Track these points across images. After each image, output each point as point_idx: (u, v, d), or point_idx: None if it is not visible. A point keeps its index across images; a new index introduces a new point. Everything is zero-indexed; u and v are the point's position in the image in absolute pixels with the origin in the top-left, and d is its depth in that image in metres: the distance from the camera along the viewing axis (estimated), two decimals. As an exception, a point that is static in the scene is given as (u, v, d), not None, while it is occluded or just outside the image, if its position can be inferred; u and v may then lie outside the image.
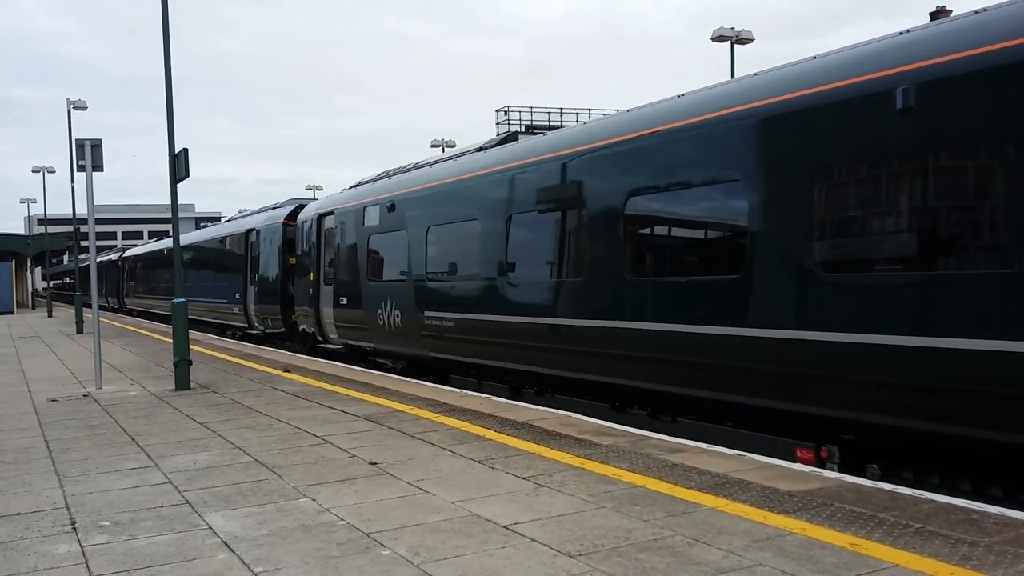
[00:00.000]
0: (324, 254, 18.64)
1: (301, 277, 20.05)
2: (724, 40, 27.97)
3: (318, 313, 18.74)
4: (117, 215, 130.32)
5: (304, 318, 19.87)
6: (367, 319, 16.00)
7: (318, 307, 18.73)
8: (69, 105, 34.06)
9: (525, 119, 41.63)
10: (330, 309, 17.99)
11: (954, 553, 4.77)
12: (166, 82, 13.59)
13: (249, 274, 24.37)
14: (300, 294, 20.18)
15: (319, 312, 18.70)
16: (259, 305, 23.48)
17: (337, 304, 17.50)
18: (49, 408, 11.45)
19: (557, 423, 9.15)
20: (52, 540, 5.53)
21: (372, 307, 15.77)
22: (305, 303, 19.67)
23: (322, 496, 6.42)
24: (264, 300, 23.10)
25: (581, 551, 5.00)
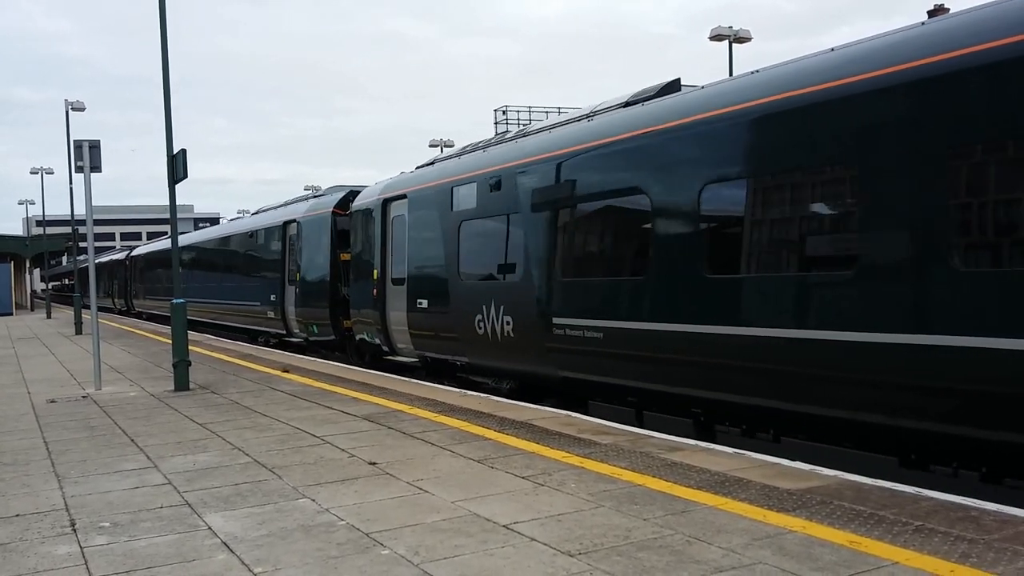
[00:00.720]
0: (392, 247, 15.57)
1: (359, 276, 16.87)
2: (722, 39, 28.00)
3: (384, 319, 15.64)
4: (115, 216, 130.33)
5: (364, 325, 16.73)
6: (458, 326, 12.93)
7: (384, 311, 15.64)
8: (67, 106, 34.02)
9: (523, 118, 41.70)
10: (402, 314, 14.87)
11: (953, 550, 4.77)
12: (164, 83, 13.58)
13: (287, 273, 21.24)
14: (357, 296, 17.05)
15: (385, 318, 15.62)
16: (301, 309, 20.10)
17: (413, 308, 14.43)
18: (48, 409, 11.45)
19: (557, 422, 9.15)
20: (52, 541, 5.53)
21: (466, 312, 12.66)
22: (365, 306, 16.55)
23: (321, 496, 6.42)
24: (308, 303, 19.76)
25: (581, 550, 5.00)
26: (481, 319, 12.29)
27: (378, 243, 15.98)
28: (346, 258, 17.98)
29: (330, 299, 18.50)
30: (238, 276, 25.64)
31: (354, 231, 17.36)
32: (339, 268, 18.30)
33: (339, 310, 18.25)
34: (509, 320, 11.68)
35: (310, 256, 19.73)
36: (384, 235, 15.89)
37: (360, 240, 17.01)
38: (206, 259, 30.09)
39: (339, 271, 18.32)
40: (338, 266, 18.32)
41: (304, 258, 19.99)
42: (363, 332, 16.88)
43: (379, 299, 15.83)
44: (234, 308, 25.89)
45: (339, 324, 18.27)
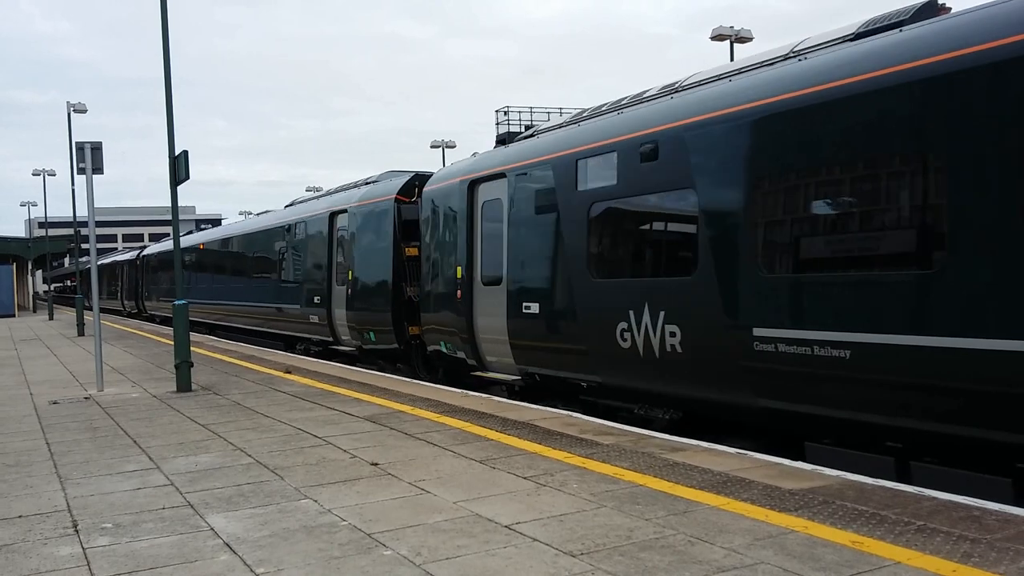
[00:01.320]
0: (483, 239, 12.90)
1: (434, 274, 14.27)
2: (724, 39, 28.00)
3: (471, 327, 12.90)
4: (117, 217, 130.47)
5: (440, 333, 13.98)
6: (588, 338, 10.26)
7: (472, 318, 12.89)
8: (69, 108, 34.10)
9: (525, 119, 41.72)
10: (498, 321, 12.14)
11: (956, 550, 4.77)
12: (166, 86, 13.60)
13: (335, 271, 18.41)
14: (432, 298, 14.29)
15: (473, 325, 12.88)
16: (355, 312, 17.09)
17: (516, 313, 11.68)
18: (50, 411, 11.45)
19: (559, 423, 9.15)
20: (54, 542, 5.53)
21: (601, 319, 9.99)
22: (443, 311, 13.77)
23: (323, 497, 6.42)
24: (363, 306, 16.81)
25: (583, 550, 5.00)
26: (626, 328, 9.57)
27: (462, 234, 13.22)
28: (412, 253, 15.57)
29: (393, 301, 15.74)
30: (271, 276, 22.76)
31: (425, 221, 14.70)
32: (404, 265, 15.72)
33: (403, 314, 15.56)
34: (674, 330, 8.95)
35: (366, 251, 16.85)
36: (471, 225, 13.10)
37: (435, 231, 14.29)
38: (231, 258, 27.08)
39: (404, 268, 15.73)
40: (403, 263, 15.73)
41: (358, 254, 17.09)
42: (439, 342, 14.11)
43: (464, 303, 13.02)
44: (265, 312, 23.02)
45: (403, 331, 15.60)
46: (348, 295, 17.33)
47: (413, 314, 15.34)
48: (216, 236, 29.73)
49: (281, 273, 21.93)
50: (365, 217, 17.04)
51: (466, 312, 13.01)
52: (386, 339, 16.08)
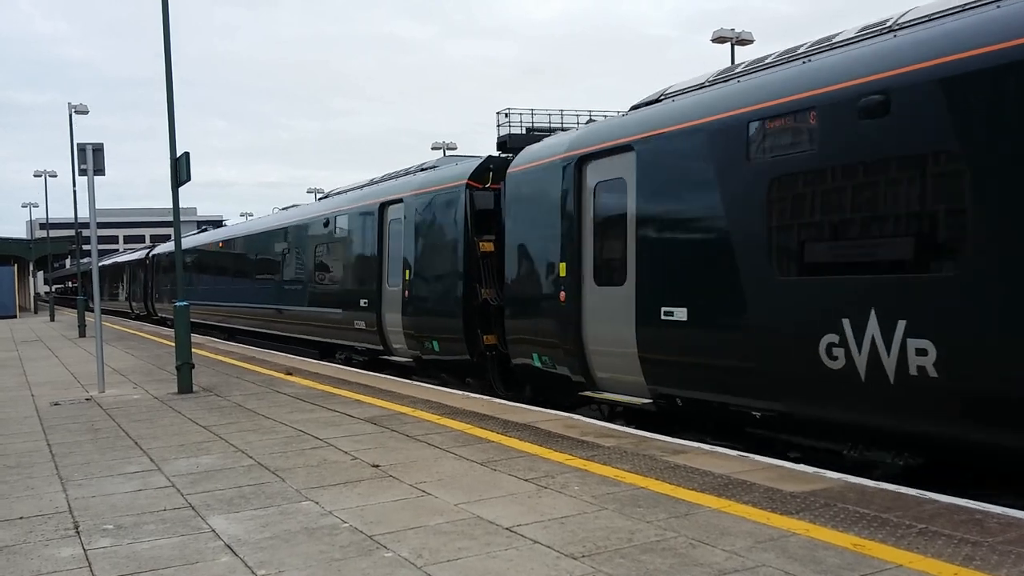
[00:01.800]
0: (595, 229, 10.51)
1: (523, 272, 11.96)
2: (724, 41, 28.00)
3: (579, 336, 10.57)
4: (119, 219, 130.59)
5: (533, 344, 11.57)
6: (769, 352, 7.92)
7: (580, 325, 10.56)
8: (71, 109, 34.13)
9: (526, 121, 41.68)
10: (621, 329, 9.81)
11: (957, 553, 4.77)
12: (168, 91, 13.61)
13: (386, 270, 16.08)
14: (521, 302, 11.98)
15: (582, 335, 10.54)
16: (413, 318, 14.81)
17: (651, 321, 9.33)
18: (52, 412, 11.46)
19: (560, 425, 9.15)
20: (55, 544, 5.53)
21: (791, 329, 7.74)
22: (540, 316, 11.38)
23: (325, 499, 6.42)
24: (424, 310, 14.53)
25: (584, 553, 5.00)
26: (836, 343, 7.29)
27: (566, 224, 10.84)
28: (487, 248, 13.30)
29: (463, 305, 13.37)
30: (303, 276, 20.31)
31: (511, 209, 12.30)
32: (478, 262, 13.35)
33: (476, 320, 13.25)
34: (924, 347, 6.62)
35: (429, 246, 14.51)
36: (578, 211, 10.71)
37: (524, 221, 11.88)
38: (255, 256, 24.54)
39: (477, 266, 13.36)
40: (476, 260, 13.34)
41: (418, 250, 14.76)
42: (529, 354, 11.70)
43: (569, 307, 10.67)
44: (297, 316, 20.54)
45: (476, 340, 13.23)
46: (405, 298, 15.00)
47: (488, 320, 13.14)
48: (237, 233, 27.15)
49: (317, 273, 19.48)
50: (427, 207, 14.62)
51: (572, 318, 10.64)
52: (454, 349, 13.71)
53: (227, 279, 27.34)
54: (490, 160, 13.94)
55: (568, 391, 11.07)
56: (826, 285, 7.50)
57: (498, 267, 13.04)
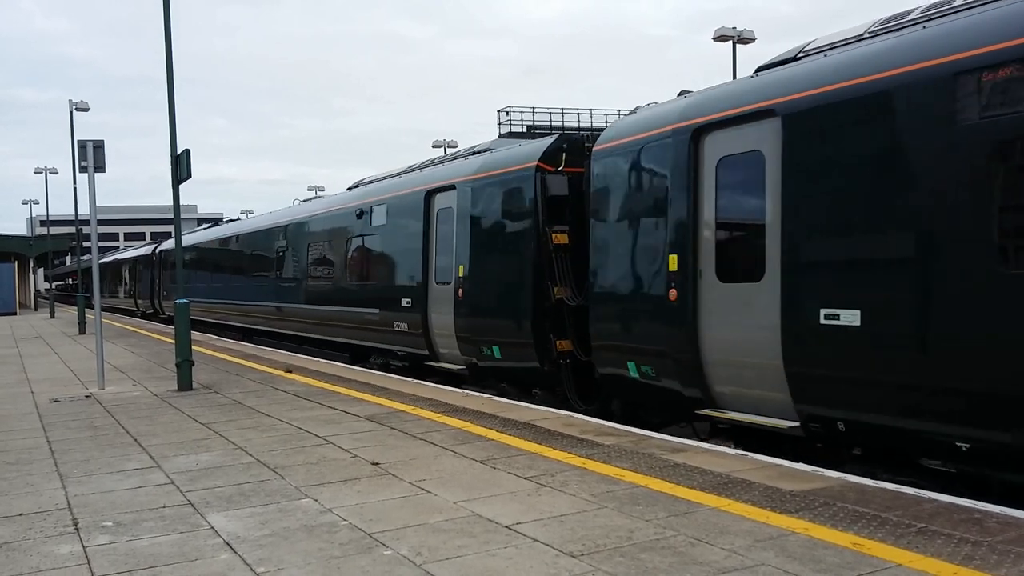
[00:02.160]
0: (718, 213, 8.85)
1: (615, 266, 10.14)
2: (726, 40, 28.00)
3: (695, 344, 8.91)
4: (119, 216, 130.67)
5: (629, 352, 9.85)
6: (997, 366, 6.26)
7: (695, 331, 8.90)
8: (71, 106, 34.14)
9: (527, 119, 41.80)
10: (758, 334, 8.16)
11: (957, 553, 4.77)
12: (168, 86, 13.60)
13: (433, 265, 14.29)
14: (613, 301, 10.19)
15: (699, 342, 8.90)
16: (468, 319, 13.06)
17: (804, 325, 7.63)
18: (51, 409, 11.46)
19: (559, 423, 9.15)
20: (54, 541, 5.53)
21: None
22: (640, 318, 9.72)
23: (324, 496, 6.42)
24: (482, 311, 12.79)
25: (583, 551, 5.00)
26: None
27: (681, 207, 9.12)
28: (560, 241, 11.53)
29: (533, 305, 11.57)
30: (333, 272, 18.42)
31: (600, 193, 10.45)
32: (550, 257, 11.50)
33: (548, 323, 11.49)
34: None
35: (489, 238, 12.75)
36: (694, 193, 9.00)
37: (617, 206, 10.15)
38: (274, 252, 22.57)
39: (550, 261, 11.50)
40: (548, 253, 11.50)
41: (475, 242, 12.99)
42: (623, 363, 9.94)
43: (682, 307, 9.01)
44: (324, 316, 18.72)
45: (547, 345, 11.52)
46: (458, 297, 13.23)
47: (562, 323, 11.45)
48: (257, 226, 24.82)
49: (349, 270, 17.61)
50: (487, 194, 12.83)
51: (684, 321, 8.96)
52: (520, 356, 11.95)
53: (246, 276, 25.16)
54: (564, 139, 12.08)
55: (676, 407, 9.43)
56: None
57: (574, 262, 11.40)
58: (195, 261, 31.35)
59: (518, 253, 12.04)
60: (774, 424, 8.10)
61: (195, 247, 31.43)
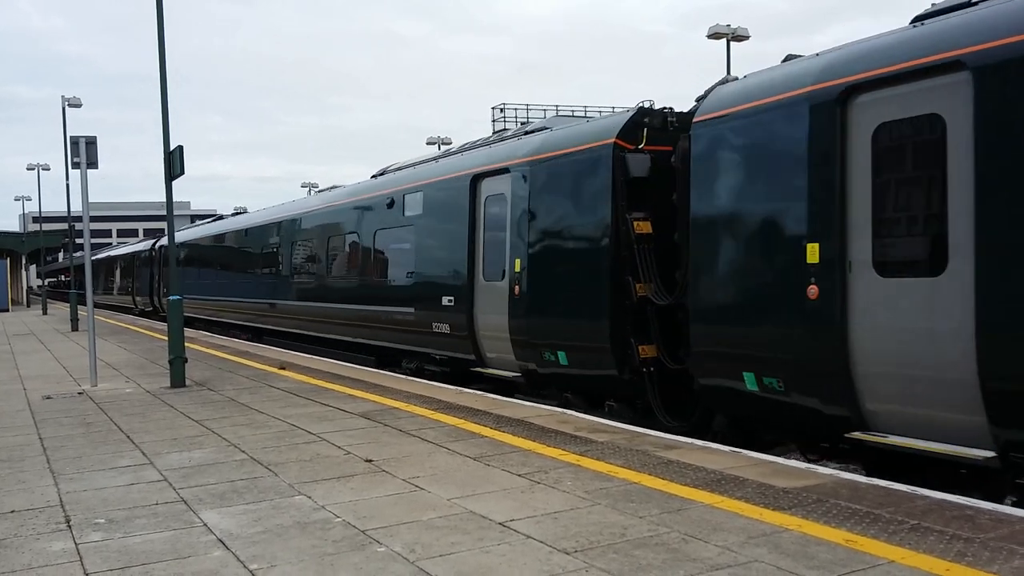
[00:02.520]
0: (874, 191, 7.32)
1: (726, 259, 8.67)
2: (720, 37, 28.01)
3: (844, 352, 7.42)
4: (112, 212, 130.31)
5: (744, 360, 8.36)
6: None
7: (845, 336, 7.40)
8: (64, 102, 33.99)
9: (521, 116, 41.73)
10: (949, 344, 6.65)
11: (949, 549, 4.78)
12: (161, 81, 13.55)
13: (481, 260, 12.65)
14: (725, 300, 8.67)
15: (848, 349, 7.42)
16: (528, 320, 11.37)
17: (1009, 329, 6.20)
18: (44, 406, 11.42)
19: (553, 420, 9.15)
20: (46, 538, 5.52)
21: None
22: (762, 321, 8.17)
23: (317, 493, 6.41)
24: (545, 311, 11.13)
25: (577, 548, 5.00)
26: None
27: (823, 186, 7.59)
28: (643, 229, 10.01)
29: (612, 304, 10.03)
30: (358, 268, 16.65)
31: (701, 172, 9.00)
32: (631, 248, 9.96)
33: (629, 325, 9.94)
34: None
35: (554, 228, 11.07)
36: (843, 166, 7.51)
37: (730, 186, 8.67)
38: (290, 245, 20.83)
39: (631, 253, 9.96)
40: (629, 245, 9.96)
41: (535, 232, 11.31)
42: (736, 374, 8.43)
43: (827, 307, 7.49)
44: (348, 316, 16.95)
45: (629, 350, 9.93)
46: (514, 295, 11.58)
47: (645, 325, 9.92)
48: (269, 218, 22.94)
49: (377, 265, 15.87)
50: (550, 177, 11.19)
51: (831, 324, 7.43)
52: (593, 362, 10.39)
53: (255, 273, 23.40)
54: (644, 113, 10.40)
55: (811, 428, 8.03)
56: None
57: (658, 254, 9.96)
58: (201, 257, 29.41)
59: (592, 244, 10.42)
60: (963, 454, 6.56)
61: (201, 242, 29.47)
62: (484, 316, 12.44)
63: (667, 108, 10.60)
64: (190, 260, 30.48)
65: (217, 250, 27.90)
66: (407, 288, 14.60)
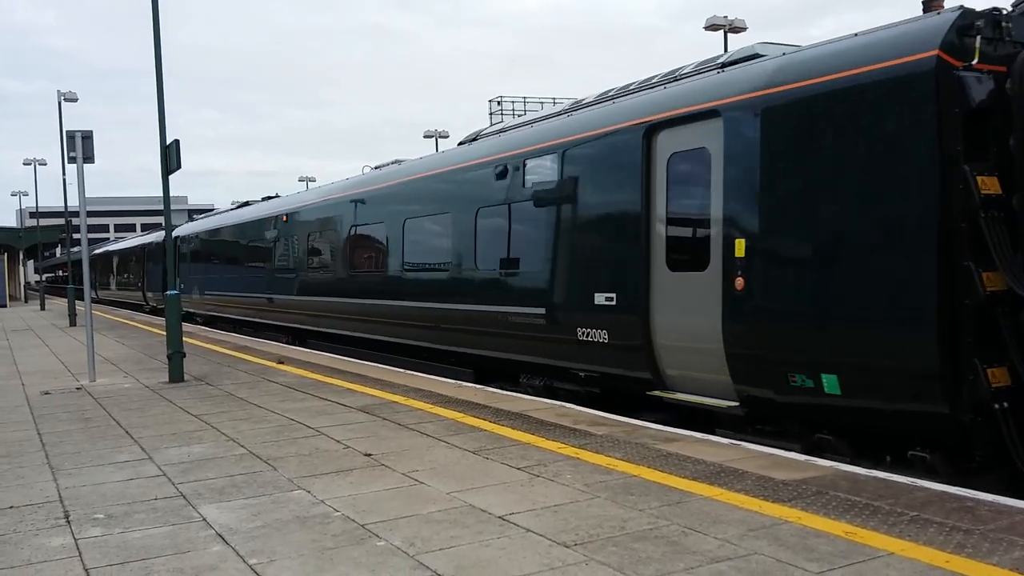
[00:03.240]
0: None
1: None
2: (718, 29, 27.95)
3: None
4: (109, 207, 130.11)
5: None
6: None
7: None
8: (60, 97, 33.91)
9: (519, 109, 41.64)
10: None
11: (949, 541, 4.78)
12: (157, 75, 13.51)
13: (662, 243, 9.21)
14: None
15: None
16: (755, 327, 7.94)
17: None
18: (42, 401, 11.41)
19: (552, 413, 9.14)
20: (46, 533, 5.51)
21: None
22: None
23: (316, 488, 6.40)
24: (779, 313, 7.72)
25: (576, 541, 5.00)
26: None
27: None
28: (990, 189, 6.64)
29: (938, 306, 6.54)
30: (454, 257, 13.06)
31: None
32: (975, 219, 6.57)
33: (970, 337, 6.50)
34: None
35: (810, 192, 7.62)
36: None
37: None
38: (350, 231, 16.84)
39: (974, 228, 6.57)
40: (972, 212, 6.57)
41: (765, 200, 7.98)
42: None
43: None
44: (440, 317, 13.38)
45: (971, 377, 6.42)
46: (734, 289, 8.10)
47: (995, 337, 6.57)
48: (313, 200, 19.41)
49: (481, 250, 12.38)
50: (802, 117, 7.73)
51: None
52: (898, 392, 6.85)
53: (305, 265, 19.34)
54: (970, 15, 6.86)
55: None
56: None
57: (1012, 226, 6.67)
58: (226, 248, 25.39)
59: (899, 212, 6.89)
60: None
61: (226, 230, 25.45)
62: (669, 319, 9.15)
63: (996, 10, 7.08)
64: (211, 252, 26.97)
65: (248, 240, 23.49)
66: (532, 282, 11.19)
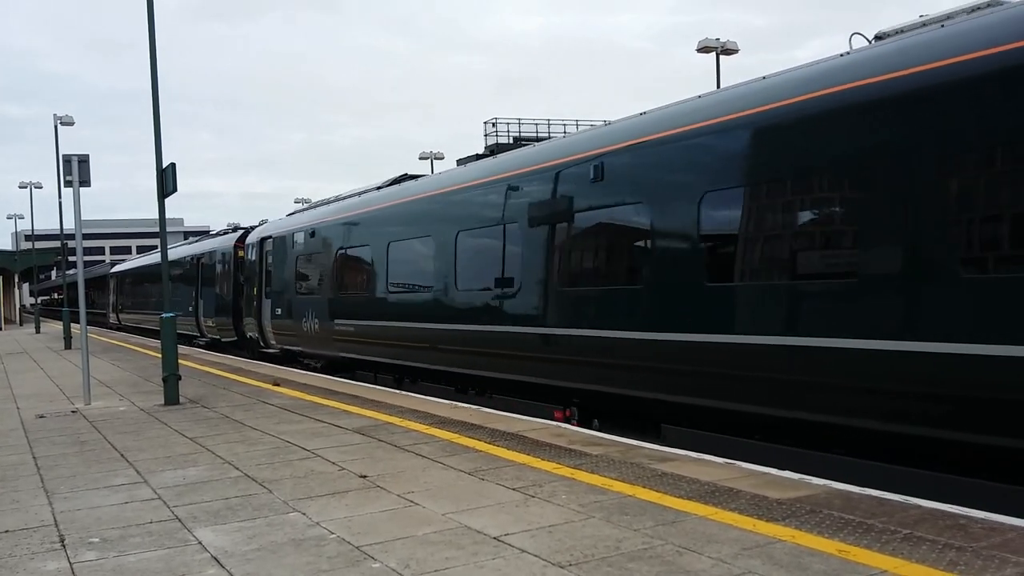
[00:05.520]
0: None
1: None
2: (709, 51, 28.13)
3: None
4: (105, 230, 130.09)
5: None
6: None
7: None
8: (56, 120, 34.01)
9: (513, 131, 41.65)
10: None
11: (942, 558, 4.80)
12: (153, 99, 13.59)
13: None
14: None
15: None
16: None
17: None
18: (37, 425, 11.39)
19: (547, 433, 9.16)
20: (41, 557, 5.50)
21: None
22: None
23: (312, 510, 6.41)
24: None
25: (571, 561, 5.01)
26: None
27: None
28: None
29: None
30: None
31: None
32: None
33: None
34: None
35: None
36: None
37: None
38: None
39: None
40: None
41: None
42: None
43: None
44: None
45: None
46: None
47: None
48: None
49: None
50: None
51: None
52: None
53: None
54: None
55: None
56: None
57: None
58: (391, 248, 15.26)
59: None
60: None
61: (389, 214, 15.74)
62: None
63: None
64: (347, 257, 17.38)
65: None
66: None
